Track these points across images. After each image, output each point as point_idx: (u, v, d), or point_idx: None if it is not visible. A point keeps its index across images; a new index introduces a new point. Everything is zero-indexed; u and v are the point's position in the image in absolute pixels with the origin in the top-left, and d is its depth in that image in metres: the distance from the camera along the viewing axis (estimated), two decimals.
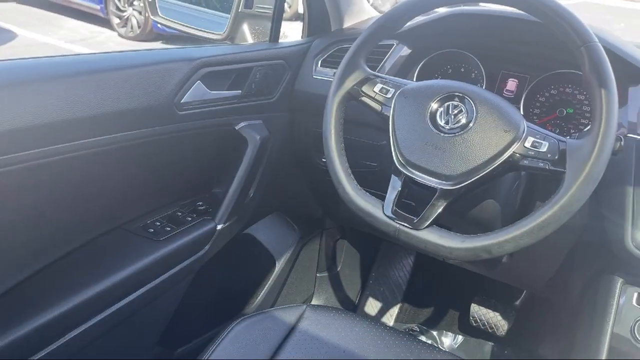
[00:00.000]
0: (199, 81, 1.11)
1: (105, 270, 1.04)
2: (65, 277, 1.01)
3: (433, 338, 1.81)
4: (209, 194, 1.30)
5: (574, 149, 0.80)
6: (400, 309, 1.87)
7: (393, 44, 1.26)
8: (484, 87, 1.20)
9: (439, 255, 0.89)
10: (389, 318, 1.86)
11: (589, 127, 0.84)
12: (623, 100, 1.01)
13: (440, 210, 0.88)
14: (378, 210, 0.93)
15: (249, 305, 1.55)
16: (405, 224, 0.89)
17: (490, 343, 1.76)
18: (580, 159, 0.79)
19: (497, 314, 1.67)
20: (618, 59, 1.00)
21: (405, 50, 1.25)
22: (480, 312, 1.69)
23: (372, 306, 1.87)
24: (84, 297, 0.99)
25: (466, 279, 1.70)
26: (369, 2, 1.54)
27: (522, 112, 1.16)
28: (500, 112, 0.87)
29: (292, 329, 1.03)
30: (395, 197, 0.92)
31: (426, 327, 1.84)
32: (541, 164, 0.83)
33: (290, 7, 5.67)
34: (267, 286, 1.58)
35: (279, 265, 1.60)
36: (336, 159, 0.98)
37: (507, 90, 1.20)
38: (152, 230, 1.16)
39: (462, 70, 1.26)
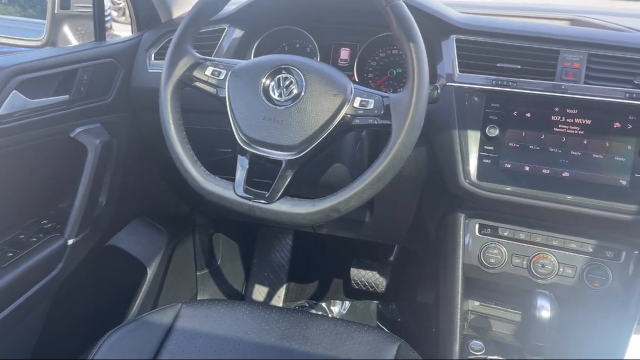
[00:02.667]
0: (14, 91, 1.01)
1: None
2: None
3: (322, 309, 1.87)
4: (56, 209, 1.21)
5: (396, 102, 0.86)
6: (287, 288, 1.90)
7: (225, 28, 1.25)
8: (318, 59, 1.24)
9: (295, 223, 0.91)
10: (278, 300, 1.88)
11: None
12: (438, 54, 1.10)
13: (288, 180, 0.90)
14: (229, 191, 0.93)
15: (126, 317, 1.48)
16: (258, 200, 0.90)
17: (375, 302, 1.86)
18: (402, 110, 0.85)
19: (374, 272, 1.76)
20: (425, 15, 1.08)
21: (238, 33, 1.25)
22: (359, 275, 1.76)
23: (259, 292, 1.88)
24: None
25: (342, 247, 1.77)
26: None
27: (356, 78, 1.22)
28: (328, 78, 0.91)
29: (169, 330, 1.00)
30: (245, 176, 0.92)
31: (314, 301, 1.89)
32: (370, 120, 0.88)
33: None
34: (141, 294, 1.51)
35: (150, 271, 1.54)
36: (179, 148, 0.96)
37: (341, 60, 1.25)
38: None
39: (298, 45, 1.29)
